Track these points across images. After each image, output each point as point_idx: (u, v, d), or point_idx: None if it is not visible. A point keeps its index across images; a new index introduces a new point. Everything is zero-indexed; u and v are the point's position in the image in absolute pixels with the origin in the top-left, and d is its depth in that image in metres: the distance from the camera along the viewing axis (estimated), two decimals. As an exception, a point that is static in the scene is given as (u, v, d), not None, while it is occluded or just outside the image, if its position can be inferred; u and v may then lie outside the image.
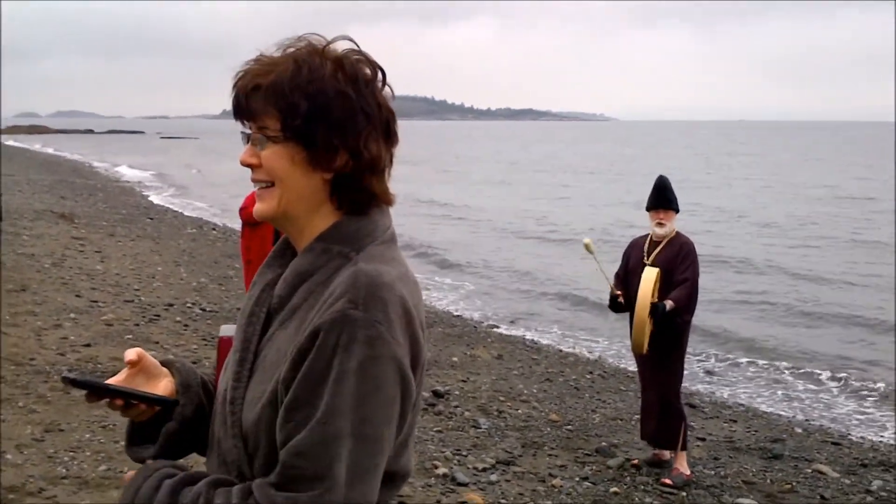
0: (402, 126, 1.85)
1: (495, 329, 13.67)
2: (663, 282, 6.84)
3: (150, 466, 1.75)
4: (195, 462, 2.00)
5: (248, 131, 1.77)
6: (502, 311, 15.57)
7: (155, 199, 31.25)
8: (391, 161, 1.81)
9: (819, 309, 16.04)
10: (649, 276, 6.67)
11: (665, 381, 7.01)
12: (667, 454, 7.18)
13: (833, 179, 48.95)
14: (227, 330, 2.00)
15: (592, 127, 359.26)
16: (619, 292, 7.02)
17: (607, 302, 7.23)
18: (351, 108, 1.72)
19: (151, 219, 23.67)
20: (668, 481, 6.85)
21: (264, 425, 1.69)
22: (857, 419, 10.06)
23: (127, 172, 45.79)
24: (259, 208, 1.80)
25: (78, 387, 1.74)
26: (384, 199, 1.81)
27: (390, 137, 1.79)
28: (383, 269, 1.71)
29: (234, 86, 1.76)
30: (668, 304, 6.68)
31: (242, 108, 1.75)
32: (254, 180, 1.80)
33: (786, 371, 12.11)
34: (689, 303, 6.83)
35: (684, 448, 7.09)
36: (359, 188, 1.76)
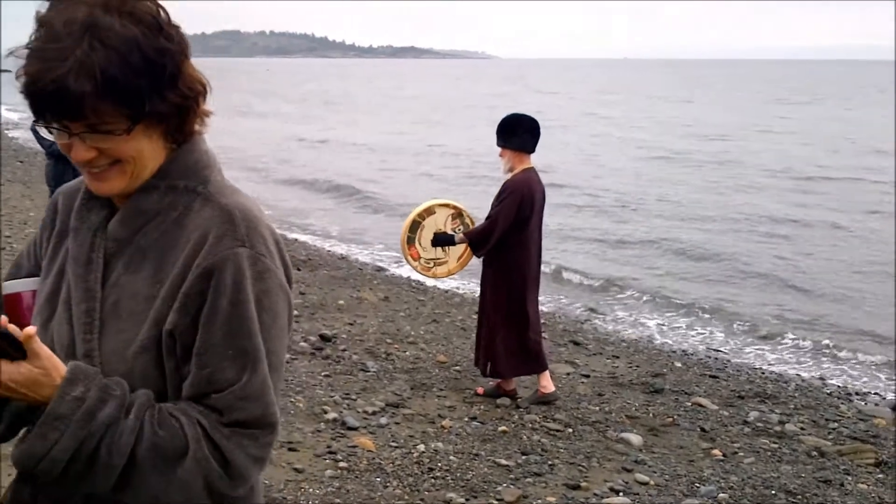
0: (282, 63, 1.74)
1: (381, 271, 13.62)
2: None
3: (86, 371, 1.59)
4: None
5: (66, 129, 1.58)
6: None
7: (25, 140, 29.91)
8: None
9: (694, 249, 16.48)
10: (425, 203, 7.58)
11: (487, 313, 7.27)
12: (513, 383, 7.41)
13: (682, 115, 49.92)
14: (14, 286, 1.86)
15: (474, 65, 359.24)
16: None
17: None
18: (171, 55, 1.60)
19: (21, 162, 22.66)
20: (480, 390, 7.46)
21: (139, 373, 1.64)
22: (733, 350, 10.44)
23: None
24: (105, 188, 1.67)
25: None
26: (204, 116, 1.75)
27: (190, 52, 1.69)
28: (245, 202, 1.73)
29: (41, 91, 1.52)
30: (458, 236, 7.32)
31: (66, 114, 1.55)
32: (92, 167, 1.64)
33: (665, 307, 12.46)
34: (481, 238, 7.07)
35: (500, 376, 7.33)
36: (186, 119, 1.69)
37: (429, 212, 7.46)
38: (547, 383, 7.31)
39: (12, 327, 1.53)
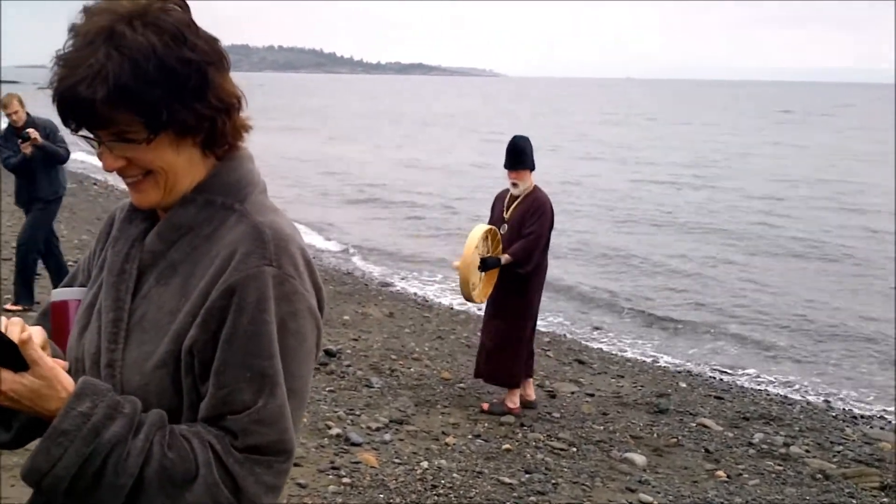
0: (290, 79, 1.74)
1: (387, 287, 13.62)
2: (516, 235, 7.28)
3: (96, 387, 1.56)
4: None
5: (97, 137, 1.60)
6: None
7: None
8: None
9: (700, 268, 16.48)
10: (475, 231, 7.17)
11: (505, 325, 7.41)
12: (518, 403, 7.56)
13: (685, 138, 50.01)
14: (61, 294, 1.87)
15: (482, 83, 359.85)
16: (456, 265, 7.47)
17: None
18: (196, 66, 1.59)
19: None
20: (485, 406, 7.48)
21: (154, 388, 1.61)
22: (740, 372, 10.41)
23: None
24: (142, 200, 1.69)
25: None
26: (243, 131, 1.74)
27: (227, 65, 1.69)
28: (279, 221, 1.70)
29: (60, 98, 1.55)
30: (504, 257, 7.21)
31: (86, 121, 1.57)
32: (125, 178, 1.66)
33: (670, 326, 12.44)
34: (525, 255, 7.23)
35: (517, 386, 7.52)
36: (216, 132, 1.67)
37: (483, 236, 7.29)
38: (531, 391, 7.74)
39: (21, 335, 1.51)
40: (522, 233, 7.24)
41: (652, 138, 48.84)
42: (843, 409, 9.17)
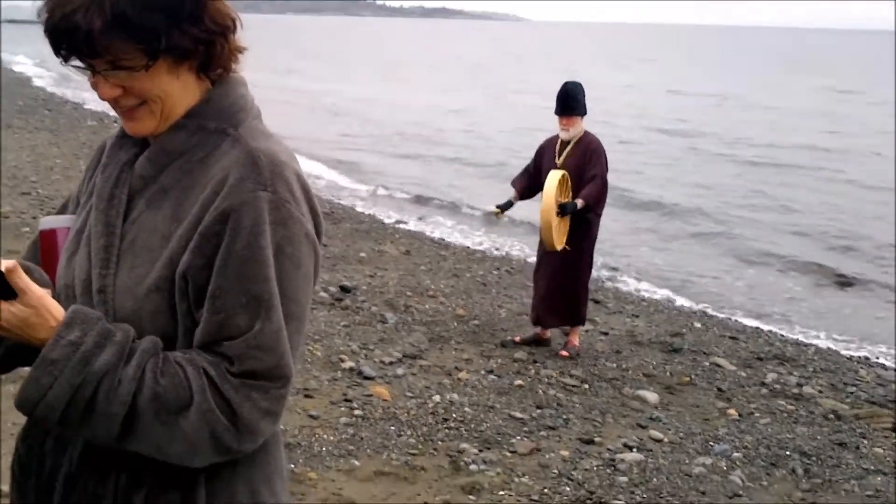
0: (312, 21, 1.70)
1: (403, 225, 13.61)
2: (576, 180, 7.18)
3: (86, 315, 1.56)
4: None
5: (91, 66, 1.57)
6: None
7: (54, 89, 30.00)
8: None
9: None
10: (552, 179, 6.95)
11: (575, 269, 7.42)
12: (548, 333, 7.72)
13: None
14: (49, 222, 1.85)
15: (507, 27, 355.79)
16: (513, 202, 7.62)
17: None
18: None
19: (49, 110, 22.74)
20: (565, 353, 7.47)
21: (148, 312, 1.60)
22: (757, 310, 10.37)
23: (25, 63, 43.60)
24: (137, 128, 1.66)
25: None
26: (238, 53, 1.70)
27: None
28: (274, 146, 1.67)
29: (54, 29, 1.51)
30: (579, 202, 7.07)
31: (81, 51, 1.53)
32: (120, 107, 1.63)
33: (685, 269, 12.39)
34: (599, 198, 7.21)
35: (582, 323, 7.73)
36: (213, 55, 1.64)
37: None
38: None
39: (5, 263, 1.50)
40: (585, 176, 7.18)
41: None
42: (858, 352, 9.12)
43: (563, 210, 6.99)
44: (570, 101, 7.25)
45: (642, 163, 20.65)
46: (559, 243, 7.10)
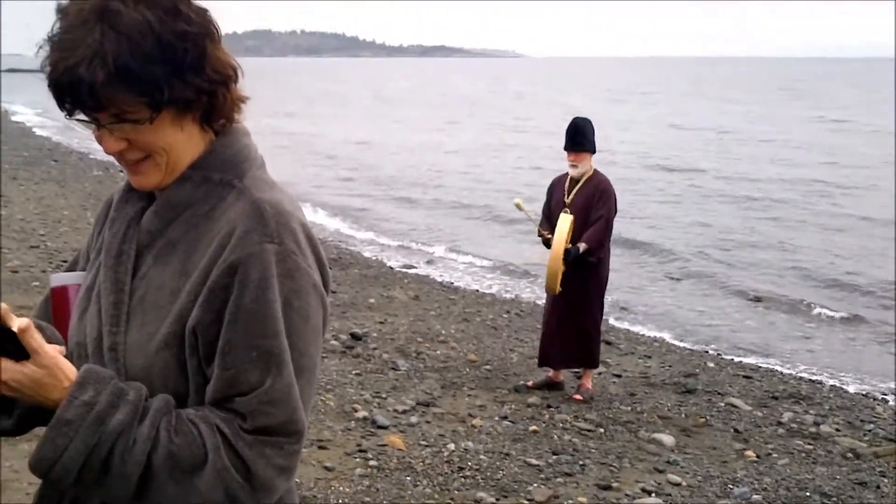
0: (313, 63, 1.70)
1: (411, 270, 13.61)
2: (581, 220, 7.18)
3: (99, 375, 1.54)
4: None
5: (95, 120, 1.56)
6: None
7: (59, 139, 30.18)
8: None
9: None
10: (563, 224, 7.00)
11: (583, 312, 7.39)
12: (560, 376, 7.68)
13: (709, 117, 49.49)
14: (61, 279, 1.84)
15: (506, 64, 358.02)
16: (548, 235, 7.28)
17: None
18: (193, 39, 1.55)
19: (55, 161, 22.84)
20: (579, 397, 7.42)
21: (158, 370, 1.59)
22: (768, 349, 10.31)
23: (25, 113, 43.84)
24: (143, 182, 1.65)
25: None
26: (240, 102, 1.69)
27: (219, 36, 1.63)
28: (279, 196, 1.67)
29: (57, 83, 1.50)
30: (582, 246, 7.11)
31: (85, 104, 1.53)
32: (125, 161, 1.63)
33: (697, 304, 12.36)
34: (601, 241, 7.22)
35: (595, 366, 7.65)
36: (216, 105, 1.63)
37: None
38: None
39: (20, 322, 1.48)
40: (590, 218, 7.18)
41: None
42: (872, 389, 9.04)
43: (566, 256, 7.03)
44: (579, 137, 7.26)
45: (643, 201, 20.67)
46: (559, 286, 7.18)
